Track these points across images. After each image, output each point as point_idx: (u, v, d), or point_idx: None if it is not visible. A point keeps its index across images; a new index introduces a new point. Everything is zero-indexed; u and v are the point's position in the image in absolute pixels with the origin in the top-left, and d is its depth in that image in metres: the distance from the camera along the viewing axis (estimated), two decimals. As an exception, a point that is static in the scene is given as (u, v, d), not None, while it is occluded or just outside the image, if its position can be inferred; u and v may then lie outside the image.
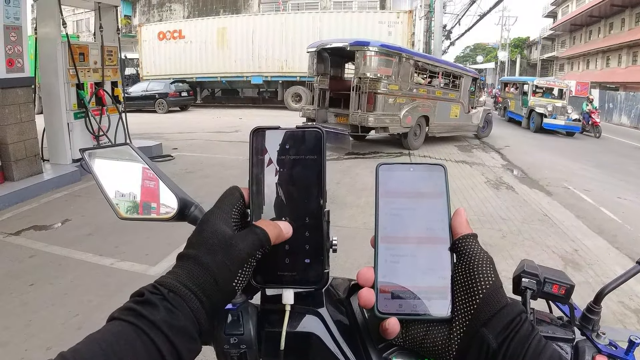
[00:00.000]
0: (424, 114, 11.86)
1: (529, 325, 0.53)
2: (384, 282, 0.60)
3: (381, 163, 0.64)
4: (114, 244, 4.97)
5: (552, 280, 0.75)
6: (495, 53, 61.97)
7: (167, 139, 12.32)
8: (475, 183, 8.56)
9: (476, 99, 14.69)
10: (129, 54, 26.85)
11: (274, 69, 22.81)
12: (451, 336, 0.56)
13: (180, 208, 0.70)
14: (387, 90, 10.51)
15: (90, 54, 8.36)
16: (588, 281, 4.38)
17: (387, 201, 0.62)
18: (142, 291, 0.53)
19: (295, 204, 0.63)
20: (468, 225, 0.61)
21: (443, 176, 0.63)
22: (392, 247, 0.61)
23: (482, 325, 0.53)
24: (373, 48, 10.38)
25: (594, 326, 0.78)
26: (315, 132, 0.63)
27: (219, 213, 0.61)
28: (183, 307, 0.52)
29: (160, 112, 21.59)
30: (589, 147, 15.44)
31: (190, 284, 0.54)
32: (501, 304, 0.54)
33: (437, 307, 0.58)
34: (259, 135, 0.64)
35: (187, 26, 24.60)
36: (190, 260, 0.56)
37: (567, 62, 52.50)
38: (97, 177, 0.74)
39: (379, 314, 0.59)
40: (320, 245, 0.63)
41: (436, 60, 13.20)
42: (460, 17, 29.13)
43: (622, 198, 8.16)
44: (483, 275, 0.56)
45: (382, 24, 21.02)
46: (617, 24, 39.02)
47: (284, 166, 0.63)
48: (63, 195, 6.87)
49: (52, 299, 3.79)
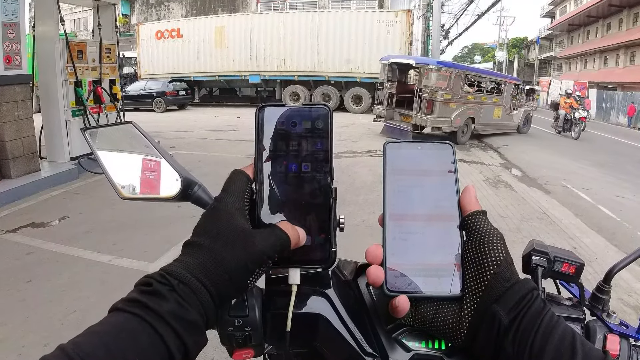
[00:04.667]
0: (471, 116, 13.91)
1: (541, 302, 0.53)
2: (392, 260, 0.59)
3: (389, 141, 0.63)
4: (112, 241, 4.95)
5: (562, 259, 0.74)
6: (493, 53, 62.07)
7: (165, 137, 12.31)
8: (474, 181, 8.57)
9: (518, 102, 16.56)
10: (127, 53, 26.81)
11: (272, 68, 22.76)
12: (462, 314, 0.55)
13: (183, 187, 0.69)
14: (442, 98, 12.67)
15: (89, 51, 8.34)
16: (587, 278, 4.34)
17: (395, 179, 0.62)
18: (150, 281, 0.50)
19: (302, 181, 0.62)
20: (477, 202, 0.60)
21: (451, 153, 0.62)
22: (401, 224, 0.60)
23: (493, 301, 0.53)
24: (432, 66, 12.84)
25: (604, 306, 0.78)
26: (322, 108, 0.62)
27: (231, 201, 0.58)
28: (193, 300, 0.50)
29: (158, 111, 21.54)
30: (587, 146, 15.45)
31: (202, 276, 0.52)
32: (513, 280, 0.53)
33: (447, 285, 0.58)
34: (265, 112, 0.63)
35: (185, 25, 24.58)
36: (203, 251, 0.53)
37: (564, 62, 52.57)
38: (97, 156, 0.72)
39: (388, 292, 0.58)
40: (327, 223, 0.62)
41: (483, 72, 15.59)
42: (458, 17, 29.15)
43: (620, 196, 8.17)
44: (494, 251, 0.55)
45: (381, 23, 21.00)
46: (615, 24, 39.09)
47: (291, 143, 0.62)
48: (61, 193, 6.86)
49: (49, 295, 3.77)
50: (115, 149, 0.74)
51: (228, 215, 0.56)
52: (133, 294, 0.49)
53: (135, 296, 0.49)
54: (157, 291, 0.49)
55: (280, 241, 0.57)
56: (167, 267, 0.52)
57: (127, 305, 0.48)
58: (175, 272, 0.51)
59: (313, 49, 22.02)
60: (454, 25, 30.23)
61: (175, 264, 0.52)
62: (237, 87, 25.66)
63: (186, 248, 0.55)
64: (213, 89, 26.74)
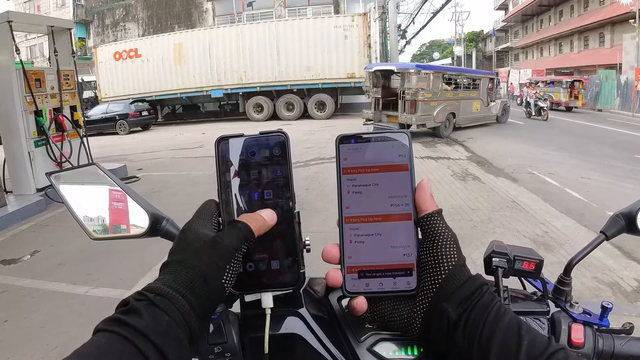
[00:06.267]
0: (452, 112, 15.24)
1: (490, 295, 0.57)
2: (350, 262, 0.61)
3: (341, 135, 0.63)
4: (87, 272, 4.84)
5: (521, 257, 0.77)
6: (451, 49, 63.01)
7: (131, 160, 12.15)
8: (442, 176, 8.68)
9: (494, 94, 17.94)
10: (86, 77, 26.44)
11: (233, 81, 22.75)
12: (415, 310, 0.59)
13: (151, 223, 0.72)
14: (424, 97, 14.00)
15: (47, 79, 8.14)
16: (561, 261, 4.45)
17: (349, 178, 0.62)
18: (127, 299, 0.52)
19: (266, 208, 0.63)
20: (432, 200, 0.62)
21: (407, 144, 0.62)
22: (357, 226, 0.62)
23: (443, 300, 0.56)
24: (412, 70, 14.64)
25: (566, 297, 0.81)
26: (279, 135, 0.64)
27: (199, 221, 0.61)
28: (171, 309, 0.51)
29: (122, 133, 21.24)
30: (549, 131, 15.85)
31: (178, 285, 0.53)
32: (462, 280, 0.57)
33: (403, 284, 0.60)
34: (223, 144, 0.64)
35: (142, 44, 24.36)
36: (176, 264, 0.56)
37: (521, 51, 53.76)
38: (65, 199, 0.75)
39: (348, 293, 0.61)
40: (294, 246, 0.64)
41: (458, 70, 17.66)
42: (414, 16, 29.46)
43: (585, 177, 8.36)
44: (446, 254, 0.58)
45: (338, 28, 21.21)
46: (567, 10, 40.19)
47: (251, 172, 0.63)
48: (30, 227, 6.68)
49: (28, 333, 3.67)
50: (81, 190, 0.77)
51: (195, 231, 0.59)
52: (113, 314, 0.51)
53: (115, 316, 0.50)
54: (134, 308, 0.50)
55: (243, 231, 0.59)
56: (146, 285, 0.54)
57: (108, 325, 0.49)
58: (152, 287, 0.53)
59: (273, 59, 22.09)
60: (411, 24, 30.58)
61: (152, 282, 0.55)
62: (199, 103, 25.54)
63: (162, 268, 0.57)
64: (176, 106, 26.54)
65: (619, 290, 3.97)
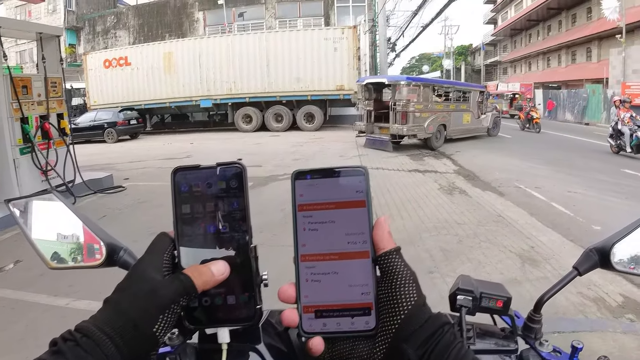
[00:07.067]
0: (443, 123, 15.54)
1: (451, 335, 0.55)
2: (306, 302, 0.59)
3: (297, 171, 0.61)
4: (68, 283, 4.76)
5: (488, 295, 0.76)
6: (440, 62, 63.45)
7: (118, 169, 12.03)
8: (429, 190, 8.68)
9: (484, 107, 18.24)
10: (75, 84, 26.31)
11: (222, 92, 22.72)
12: (374, 351, 0.57)
13: (108, 253, 0.72)
14: (414, 109, 14.31)
15: (34, 86, 8.05)
16: (546, 276, 4.46)
17: (305, 215, 0.60)
18: (56, 340, 0.53)
19: (221, 241, 0.62)
20: (390, 238, 0.60)
21: (363, 180, 0.60)
22: (313, 264, 0.60)
23: (403, 341, 0.55)
24: (403, 82, 14.76)
25: (536, 334, 0.80)
26: (235, 167, 0.62)
27: (149, 259, 0.60)
28: (96, 352, 0.51)
29: (109, 141, 21.07)
30: (536, 145, 15.95)
31: (107, 328, 0.53)
32: (423, 320, 0.55)
33: (362, 323, 0.58)
34: (179, 176, 0.63)
35: (132, 53, 24.26)
36: (111, 305, 0.56)
37: (510, 65, 54.28)
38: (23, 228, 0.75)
39: (304, 334, 0.59)
40: (250, 281, 0.63)
41: (448, 83, 18.35)
42: (403, 29, 29.67)
43: (572, 192, 8.40)
44: (405, 294, 0.56)
45: (328, 41, 21.31)
46: (555, 25, 40.81)
47: (207, 204, 0.62)
48: (13, 235, 6.54)
49: (7, 346, 3.59)
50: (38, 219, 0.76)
51: (141, 271, 0.59)
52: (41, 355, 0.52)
53: (42, 356, 0.51)
54: (60, 350, 0.51)
55: (184, 285, 0.57)
56: (79, 323, 0.55)
57: None
58: (82, 327, 0.54)
59: (263, 70, 22.10)
60: (400, 37, 30.78)
61: (86, 320, 0.55)
62: (188, 112, 25.43)
63: (104, 303, 0.57)
64: (165, 116, 26.44)
65: (604, 306, 3.95)
